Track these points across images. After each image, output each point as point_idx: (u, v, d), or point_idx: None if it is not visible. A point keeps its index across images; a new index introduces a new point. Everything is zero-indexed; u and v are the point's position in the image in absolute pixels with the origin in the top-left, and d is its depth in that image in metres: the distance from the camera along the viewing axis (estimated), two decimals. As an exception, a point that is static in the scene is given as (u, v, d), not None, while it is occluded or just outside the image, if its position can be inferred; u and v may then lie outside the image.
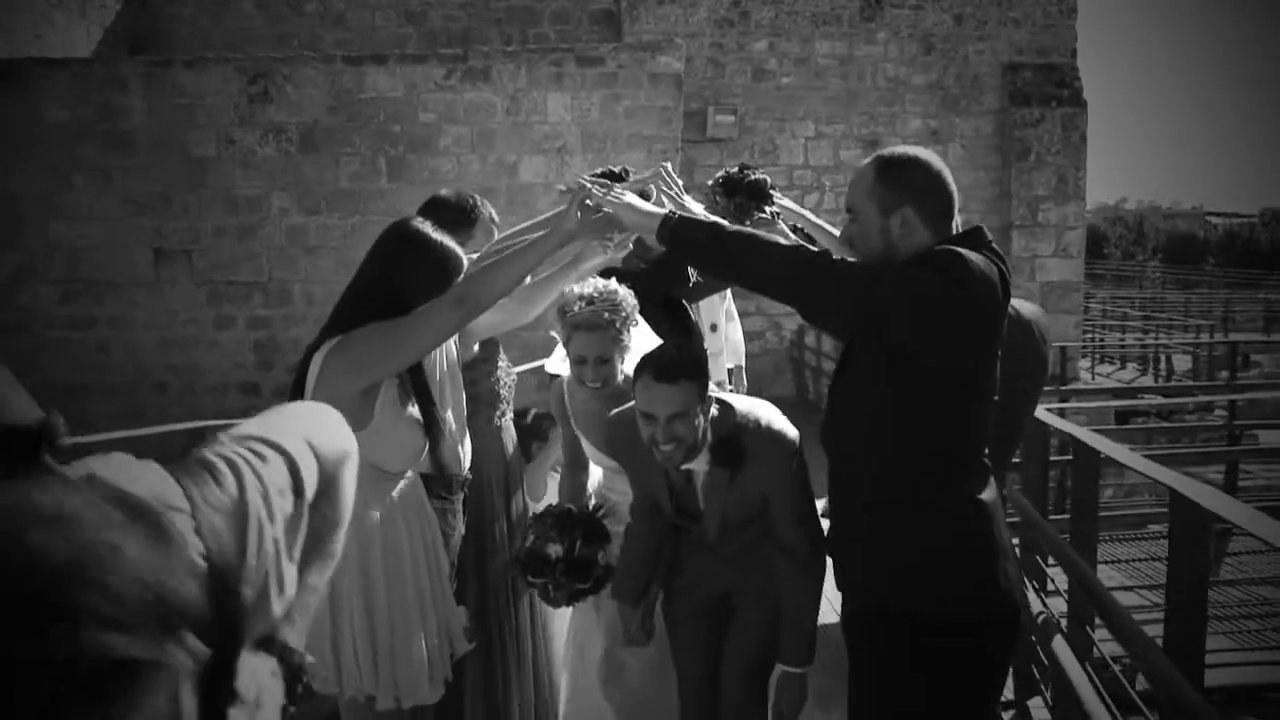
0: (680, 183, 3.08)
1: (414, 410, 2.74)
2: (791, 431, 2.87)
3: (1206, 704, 2.42)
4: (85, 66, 11.86)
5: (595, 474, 3.67)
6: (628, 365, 3.24)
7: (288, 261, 11.77)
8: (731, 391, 4.53)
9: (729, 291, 5.10)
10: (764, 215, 3.59)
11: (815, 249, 2.42)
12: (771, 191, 3.62)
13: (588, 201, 2.52)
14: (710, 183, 3.78)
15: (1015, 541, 4.89)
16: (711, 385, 2.87)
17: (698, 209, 3.06)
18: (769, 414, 2.90)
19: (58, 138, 11.48)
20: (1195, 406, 13.78)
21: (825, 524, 2.76)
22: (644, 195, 2.90)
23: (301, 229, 11.74)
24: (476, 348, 3.73)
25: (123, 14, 14.82)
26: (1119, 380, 16.98)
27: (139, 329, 11.76)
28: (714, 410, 2.86)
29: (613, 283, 3.16)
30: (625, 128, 11.79)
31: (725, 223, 2.48)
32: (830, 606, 3.23)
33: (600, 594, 3.31)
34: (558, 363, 3.63)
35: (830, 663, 2.78)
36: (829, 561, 2.73)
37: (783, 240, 2.46)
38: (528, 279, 2.98)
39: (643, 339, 3.30)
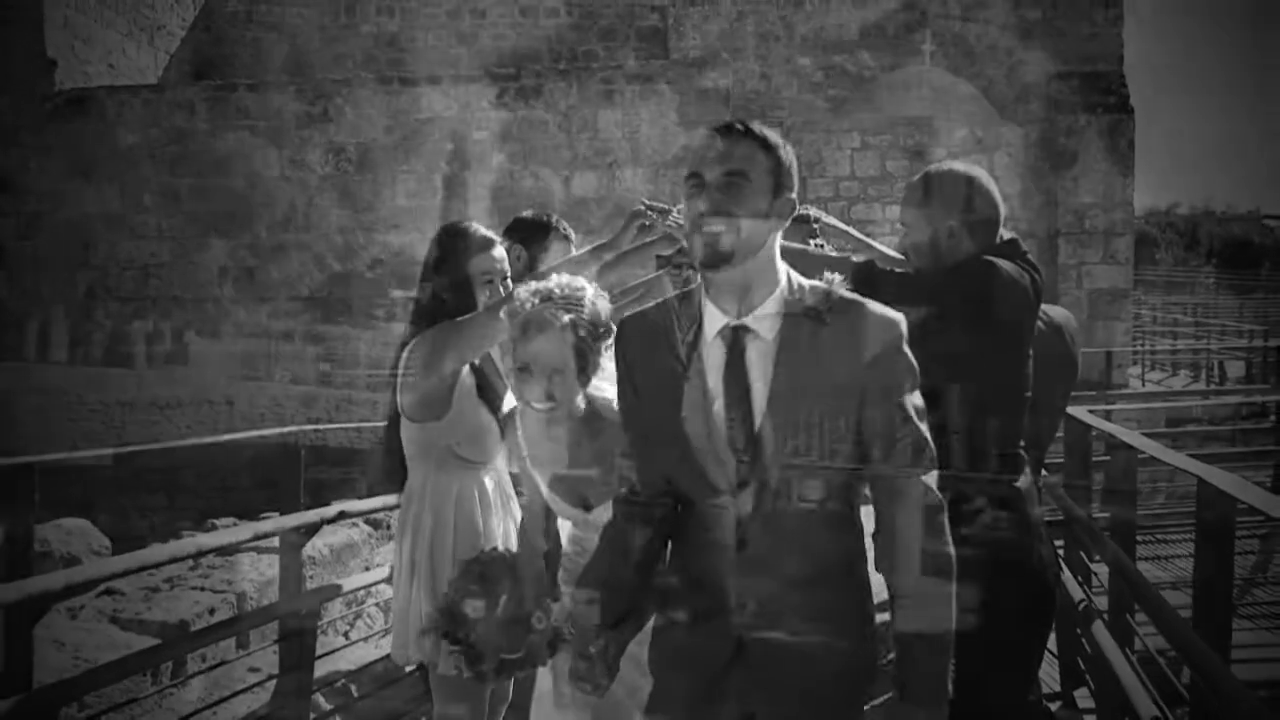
0: None
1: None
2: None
3: (1239, 684, 2.57)
4: (155, 92, 12.39)
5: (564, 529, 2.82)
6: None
7: (346, 278, 12.15)
8: None
9: None
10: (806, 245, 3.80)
11: (857, 260, 2.65)
12: (814, 225, 3.83)
13: (644, 224, 2.74)
14: None
15: (1059, 543, 5.06)
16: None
17: None
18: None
19: (129, 160, 12.02)
20: (1248, 411, 13.68)
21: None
22: None
23: (360, 246, 12.12)
24: None
25: (188, 39, 15.38)
26: (1168, 387, 16.87)
27: (205, 344, 12.20)
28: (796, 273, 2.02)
29: (581, 279, 2.52)
30: (674, 142, 12.06)
31: None
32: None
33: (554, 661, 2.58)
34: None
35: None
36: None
37: (832, 254, 2.69)
38: None
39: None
